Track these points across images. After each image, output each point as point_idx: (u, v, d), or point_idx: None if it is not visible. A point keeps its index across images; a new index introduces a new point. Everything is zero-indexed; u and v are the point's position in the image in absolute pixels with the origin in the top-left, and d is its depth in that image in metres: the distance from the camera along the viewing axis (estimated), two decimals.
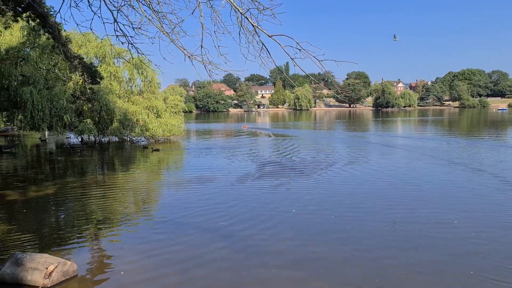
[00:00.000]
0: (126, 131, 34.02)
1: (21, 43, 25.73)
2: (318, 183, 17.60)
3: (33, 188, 17.11)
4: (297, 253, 9.48)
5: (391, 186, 16.68)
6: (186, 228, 11.50)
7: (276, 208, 13.34)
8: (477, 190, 15.54)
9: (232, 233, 10.99)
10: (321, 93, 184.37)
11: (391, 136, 42.62)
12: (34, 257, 7.98)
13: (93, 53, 33.66)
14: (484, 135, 41.48)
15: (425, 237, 10.36)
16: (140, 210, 13.85)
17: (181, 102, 41.83)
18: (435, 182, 17.20)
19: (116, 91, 33.76)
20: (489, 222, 11.56)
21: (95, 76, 21.09)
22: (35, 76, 25.21)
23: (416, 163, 22.57)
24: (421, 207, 13.26)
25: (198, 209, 13.35)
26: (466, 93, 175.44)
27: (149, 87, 37.95)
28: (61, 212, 13.86)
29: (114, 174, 21.12)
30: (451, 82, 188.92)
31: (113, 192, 16.34)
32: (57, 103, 25.38)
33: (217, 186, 17.07)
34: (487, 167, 20.47)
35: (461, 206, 13.39)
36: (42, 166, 24.41)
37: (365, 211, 12.85)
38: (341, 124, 67.84)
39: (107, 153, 30.23)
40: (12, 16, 18.54)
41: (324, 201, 14.32)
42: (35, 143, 36.94)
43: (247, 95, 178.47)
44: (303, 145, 34.17)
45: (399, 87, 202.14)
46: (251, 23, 5.84)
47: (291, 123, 73.34)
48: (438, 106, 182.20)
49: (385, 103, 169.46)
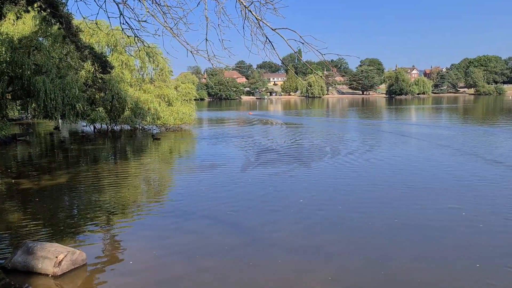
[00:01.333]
0: (137, 120, 34.26)
1: (33, 32, 25.90)
2: (327, 172, 17.59)
3: (46, 176, 17.42)
4: (303, 244, 9.53)
5: (401, 177, 16.59)
6: (195, 217, 11.62)
7: (284, 198, 13.39)
8: (489, 181, 15.36)
9: (240, 222, 11.09)
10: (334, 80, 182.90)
11: (404, 124, 42.22)
12: (44, 246, 8.16)
13: (104, 42, 33.76)
14: (500, 123, 40.83)
15: (433, 229, 10.31)
16: (151, 199, 14.04)
17: (192, 90, 41.86)
18: (448, 173, 17.02)
19: (127, 79, 33.91)
20: (500, 215, 11.44)
21: (105, 66, 21.20)
22: (47, 65, 25.41)
23: (429, 152, 22.34)
24: (431, 198, 13.18)
25: (207, 198, 13.49)
26: (481, 80, 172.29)
27: (161, 75, 38.04)
28: (73, 201, 14.13)
29: (125, 162, 21.37)
30: (466, 68, 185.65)
31: (124, 181, 16.56)
32: (69, 92, 25.60)
33: (226, 175, 17.19)
34: (502, 158, 20.19)
35: (471, 197, 13.27)
36: (56, 155, 24.80)
37: (374, 202, 12.82)
38: (354, 112, 67.35)
39: (119, 142, 30.54)
40: (25, 5, 18.69)
41: (332, 191, 14.31)
42: (49, 131, 37.47)
43: (259, 83, 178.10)
44: (314, 134, 34.07)
45: (413, 74, 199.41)
46: (255, 16, 5.81)
47: (304, 111, 73.03)
48: (453, 93, 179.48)
49: (398, 90, 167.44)
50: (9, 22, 26.10)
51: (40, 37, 26.56)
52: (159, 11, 5.67)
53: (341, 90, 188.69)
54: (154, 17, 5.54)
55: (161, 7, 5.78)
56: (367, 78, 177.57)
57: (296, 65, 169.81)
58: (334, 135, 31.97)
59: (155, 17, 5.55)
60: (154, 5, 5.73)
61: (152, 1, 5.63)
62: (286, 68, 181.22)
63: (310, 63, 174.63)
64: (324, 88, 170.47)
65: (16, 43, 24.89)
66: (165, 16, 5.74)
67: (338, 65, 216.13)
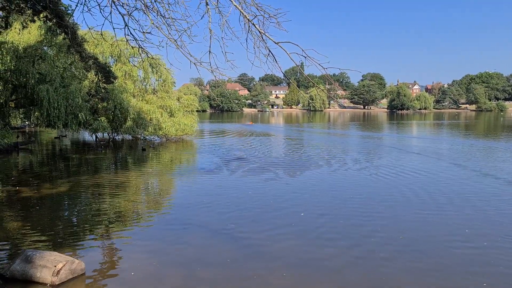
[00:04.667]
0: (139, 130, 34.37)
1: (38, 41, 26.22)
2: (329, 185, 17.59)
3: (47, 185, 17.43)
4: (301, 257, 9.49)
5: (405, 191, 16.53)
6: (195, 228, 11.60)
7: (284, 211, 13.36)
8: (492, 198, 15.32)
9: (241, 235, 11.06)
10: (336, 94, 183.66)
11: (406, 139, 42.24)
12: (43, 255, 8.15)
13: (108, 52, 34.09)
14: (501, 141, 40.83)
15: (436, 246, 10.26)
16: (151, 210, 14.02)
17: (195, 102, 42.05)
18: (449, 188, 16.98)
19: (130, 90, 34.12)
20: (501, 232, 11.39)
21: (109, 76, 21.38)
22: (51, 74, 25.65)
23: (429, 167, 22.30)
24: (432, 213, 13.13)
25: (208, 210, 13.47)
26: (483, 96, 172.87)
27: (163, 86, 38.27)
28: (73, 210, 14.12)
29: (126, 172, 21.39)
30: (468, 85, 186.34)
31: (124, 191, 16.57)
32: (72, 101, 25.79)
33: (227, 186, 17.17)
34: (503, 174, 20.17)
35: (473, 214, 13.21)
36: (57, 163, 24.82)
37: (376, 216, 12.77)
38: (355, 126, 67.43)
39: (120, 151, 30.58)
40: (31, 15, 18.91)
41: (334, 204, 14.27)
42: (51, 140, 37.55)
43: (261, 95, 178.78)
44: (315, 147, 34.08)
45: (414, 89, 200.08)
46: (258, 29, 5.87)
47: (305, 125, 73.15)
48: (455, 109, 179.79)
49: (400, 105, 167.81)
50: (15, 31, 26.40)
51: (45, 46, 26.87)
52: (163, 23, 5.74)
53: (343, 104, 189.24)
54: (158, 29, 5.62)
55: (165, 19, 5.85)
56: (369, 92, 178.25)
57: (298, 78, 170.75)
58: (336, 149, 31.97)
59: (159, 29, 5.62)
60: (159, 17, 5.81)
61: (157, 13, 5.71)
62: (288, 81, 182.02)
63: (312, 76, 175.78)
64: (325, 102, 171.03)
65: (21, 52, 25.16)
66: (170, 28, 5.81)
67: (340, 79, 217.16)
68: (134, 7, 5.86)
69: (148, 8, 5.64)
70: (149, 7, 5.71)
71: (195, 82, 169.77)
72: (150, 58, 6.99)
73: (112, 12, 6.35)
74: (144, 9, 5.63)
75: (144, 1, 5.60)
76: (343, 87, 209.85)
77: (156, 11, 5.66)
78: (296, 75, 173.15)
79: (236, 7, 5.90)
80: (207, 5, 5.88)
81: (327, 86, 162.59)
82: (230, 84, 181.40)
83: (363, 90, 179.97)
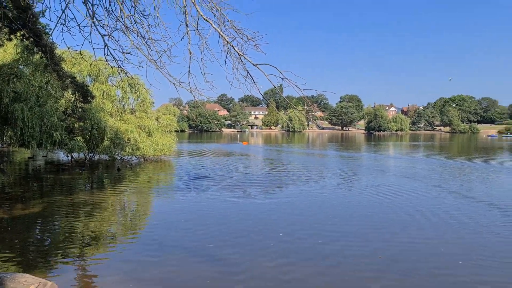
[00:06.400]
0: (117, 150, 33.91)
1: (14, 60, 25.83)
2: (308, 206, 17.63)
3: (19, 206, 16.96)
4: (283, 278, 9.45)
5: (381, 212, 16.72)
6: (173, 249, 11.43)
7: (263, 231, 13.32)
8: (467, 218, 15.64)
9: (219, 256, 10.95)
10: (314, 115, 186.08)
11: (383, 160, 42.92)
12: (15, 277, 7.90)
13: (86, 71, 33.84)
14: (476, 161, 41.92)
15: (414, 266, 10.39)
16: (127, 230, 13.77)
17: (173, 122, 41.95)
18: (426, 208, 17.25)
19: (108, 109, 33.79)
20: (477, 251, 11.63)
21: (86, 95, 21.18)
22: (27, 93, 25.20)
23: (407, 187, 22.67)
24: (410, 233, 13.33)
25: (185, 230, 13.33)
26: (456, 118, 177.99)
27: (142, 106, 38.09)
28: (46, 231, 13.74)
29: (101, 192, 21.00)
30: (442, 107, 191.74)
31: (99, 211, 16.24)
32: (48, 120, 25.33)
33: (205, 206, 17.04)
34: (477, 194, 20.67)
35: (450, 233, 13.46)
36: (30, 184, 24.21)
37: (353, 236, 12.87)
38: (333, 147, 68.16)
39: (97, 172, 30.07)
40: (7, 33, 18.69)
41: (313, 224, 14.32)
42: (24, 160, 36.66)
43: (240, 116, 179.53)
44: (294, 166, 34.25)
45: (391, 111, 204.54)
46: (237, 51, 6.00)
47: (284, 145, 73.57)
48: (430, 130, 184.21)
49: (377, 126, 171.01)
50: None
51: (21, 65, 26.47)
52: (143, 44, 5.81)
53: (321, 125, 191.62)
54: (138, 49, 5.67)
55: (145, 40, 5.93)
56: (347, 114, 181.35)
57: (277, 99, 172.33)
58: (314, 169, 32.19)
59: (139, 49, 5.68)
60: (139, 38, 5.87)
61: (137, 34, 5.78)
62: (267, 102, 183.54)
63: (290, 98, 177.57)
64: (304, 123, 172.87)
65: None
66: (150, 49, 5.88)
67: (319, 101, 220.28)
68: (114, 28, 5.92)
69: (128, 29, 5.71)
70: (129, 28, 5.78)
71: (174, 102, 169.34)
72: (129, 78, 7.01)
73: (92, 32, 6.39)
74: (124, 30, 5.69)
75: (124, 22, 5.66)
76: (322, 109, 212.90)
77: (136, 32, 5.73)
78: (275, 96, 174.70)
79: (215, 30, 6.02)
80: (187, 27, 5.99)
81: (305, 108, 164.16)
82: (210, 104, 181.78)
83: (341, 112, 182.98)
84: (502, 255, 11.14)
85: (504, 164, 38.93)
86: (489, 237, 12.87)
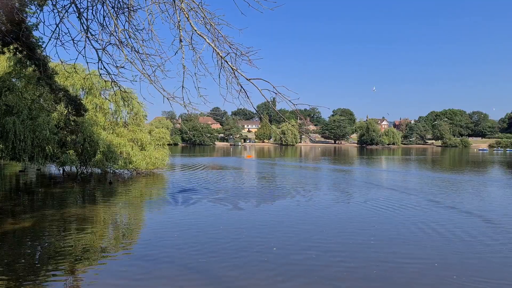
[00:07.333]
0: (109, 163, 33.69)
1: (7, 73, 25.75)
2: (301, 219, 17.57)
3: (9, 220, 16.73)
4: None
5: (374, 225, 16.71)
6: (165, 264, 11.32)
7: (256, 245, 13.24)
8: (462, 231, 15.68)
9: (212, 270, 10.86)
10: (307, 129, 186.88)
11: (376, 173, 43.05)
12: None
13: (79, 85, 33.78)
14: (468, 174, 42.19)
15: (407, 277, 10.37)
16: (118, 245, 13.62)
17: (166, 135, 41.89)
18: (420, 221, 17.27)
19: (101, 122, 33.69)
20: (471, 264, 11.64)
21: (79, 109, 21.13)
22: (19, 106, 25.07)
23: (400, 201, 22.71)
24: (405, 246, 13.32)
25: (178, 244, 13.21)
26: (448, 132, 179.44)
27: (135, 119, 38.02)
28: (37, 246, 13.53)
29: (93, 206, 20.79)
30: (433, 121, 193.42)
31: (91, 225, 16.07)
32: (40, 133, 25.16)
33: (198, 220, 16.93)
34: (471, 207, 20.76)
35: (446, 247, 13.48)
36: (21, 198, 23.92)
37: (346, 249, 12.84)
38: (327, 161, 68.29)
39: (88, 185, 29.82)
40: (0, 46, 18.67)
41: (306, 238, 14.27)
42: (15, 173, 36.30)
43: (233, 129, 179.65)
44: (287, 180, 34.23)
45: (383, 125, 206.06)
46: (230, 66, 6.03)
47: (277, 159, 73.58)
48: (421, 144, 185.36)
49: (369, 140, 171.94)
50: None
51: (14, 78, 26.38)
52: (137, 58, 5.82)
53: (314, 138, 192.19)
54: (132, 64, 5.69)
55: (139, 54, 5.94)
56: (339, 127, 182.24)
57: (270, 113, 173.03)
58: (307, 182, 32.19)
59: (133, 64, 5.69)
60: (133, 53, 5.89)
61: (131, 48, 5.79)
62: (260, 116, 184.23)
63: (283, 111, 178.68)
64: (297, 137, 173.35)
65: None
66: (143, 63, 5.89)
67: (311, 114, 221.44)
68: (108, 42, 5.93)
69: (122, 43, 5.73)
70: (124, 43, 5.80)
71: (167, 116, 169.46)
72: (122, 91, 7.01)
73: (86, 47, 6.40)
74: (119, 44, 5.71)
75: (118, 37, 5.68)
76: (314, 122, 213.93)
77: (131, 46, 5.75)
78: (268, 110, 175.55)
79: (209, 45, 6.06)
80: (181, 42, 6.02)
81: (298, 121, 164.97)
82: (203, 118, 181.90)
83: (334, 125, 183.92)
84: (495, 267, 11.15)
85: (495, 178, 39.22)
86: (482, 250, 12.89)
